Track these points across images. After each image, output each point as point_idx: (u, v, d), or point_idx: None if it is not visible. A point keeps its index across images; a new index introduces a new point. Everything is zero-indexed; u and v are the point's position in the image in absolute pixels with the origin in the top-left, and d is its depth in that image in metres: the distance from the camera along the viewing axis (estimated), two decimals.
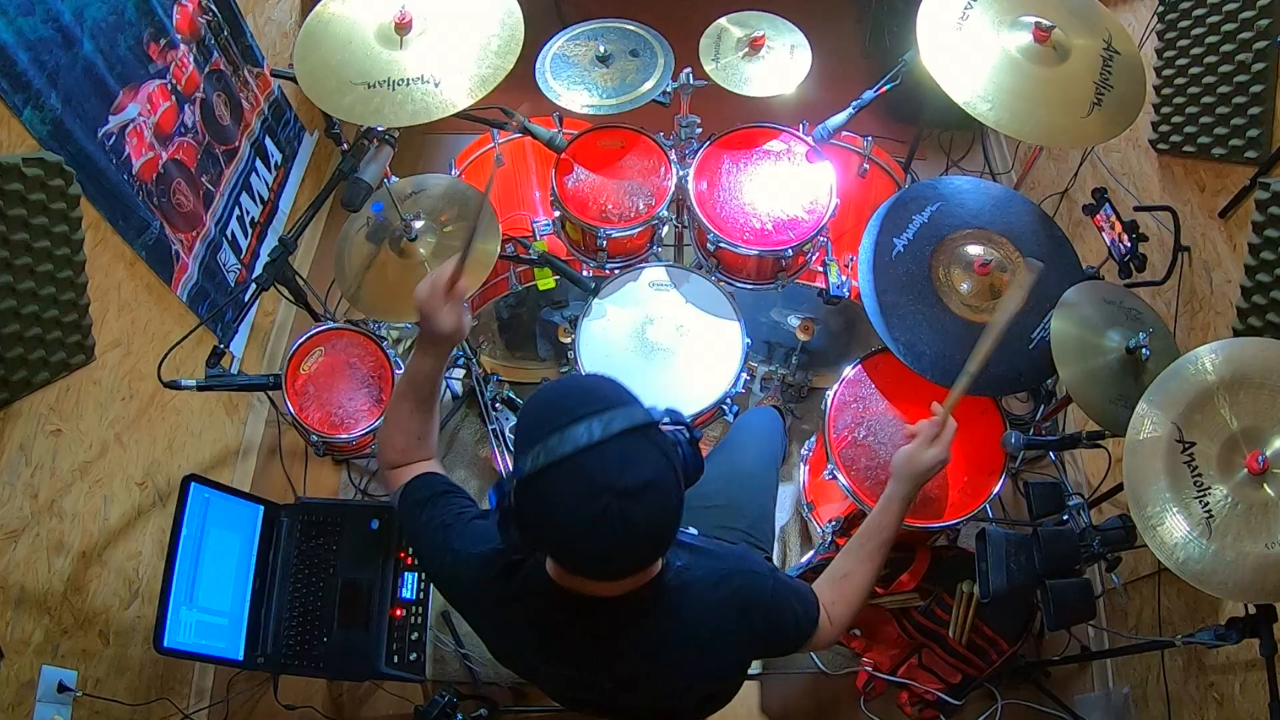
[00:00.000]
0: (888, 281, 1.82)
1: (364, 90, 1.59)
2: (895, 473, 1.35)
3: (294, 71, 1.63)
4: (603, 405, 0.96)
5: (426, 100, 1.59)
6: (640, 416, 0.97)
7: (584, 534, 0.93)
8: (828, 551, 2.07)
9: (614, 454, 0.93)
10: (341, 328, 1.96)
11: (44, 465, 1.71)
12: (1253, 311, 1.58)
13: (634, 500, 0.92)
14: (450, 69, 1.62)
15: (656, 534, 0.98)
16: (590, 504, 0.91)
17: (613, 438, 0.93)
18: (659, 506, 0.95)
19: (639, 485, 0.92)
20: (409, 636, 1.89)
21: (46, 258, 1.56)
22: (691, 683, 1.17)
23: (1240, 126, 1.68)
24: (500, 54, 1.63)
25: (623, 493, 0.91)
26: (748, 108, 2.04)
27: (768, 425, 1.98)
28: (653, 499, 0.94)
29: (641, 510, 0.93)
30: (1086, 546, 1.55)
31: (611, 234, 2.00)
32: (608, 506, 0.91)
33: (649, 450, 0.96)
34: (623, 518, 0.91)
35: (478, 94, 1.60)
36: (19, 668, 1.61)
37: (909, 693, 2.11)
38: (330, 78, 1.62)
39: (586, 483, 0.92)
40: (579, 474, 0.92)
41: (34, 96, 1.61)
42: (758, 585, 1.15)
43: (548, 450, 0.93)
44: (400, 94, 1.59)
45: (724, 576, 1.14)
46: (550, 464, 0.92)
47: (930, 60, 1.63)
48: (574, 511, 0.92)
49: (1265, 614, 1.37)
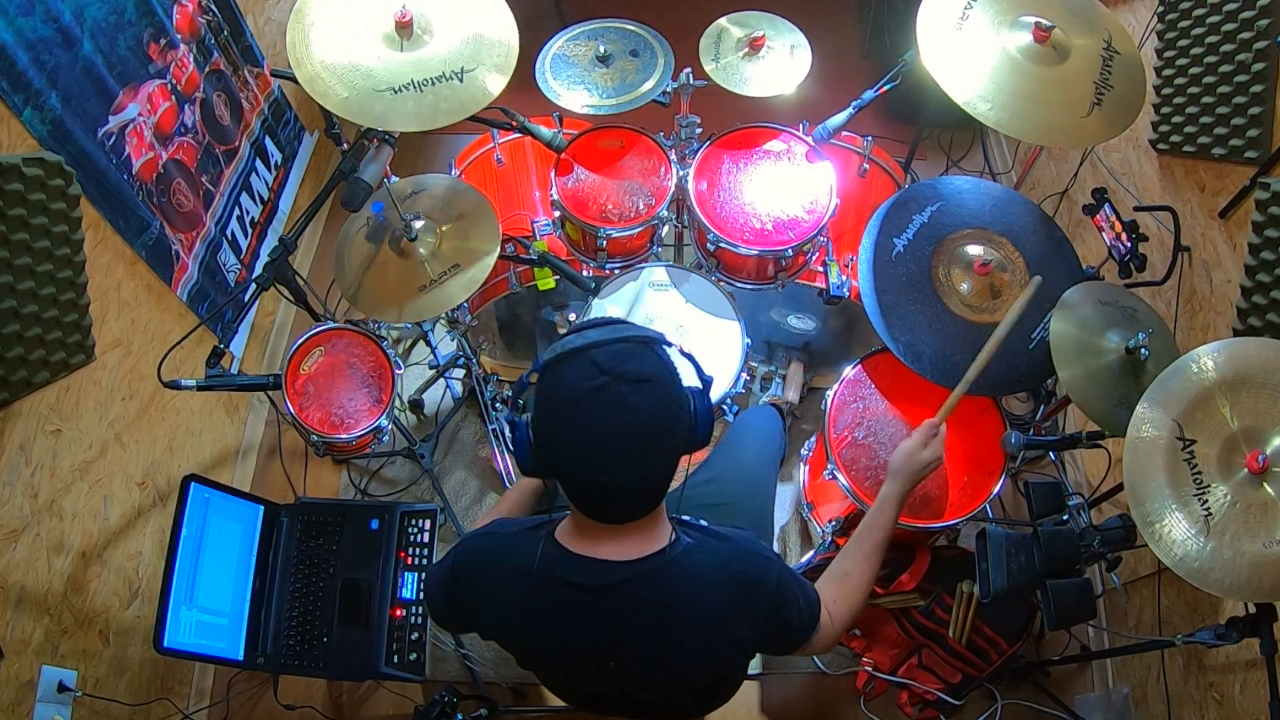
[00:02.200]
0: (888, 281, 1.82)
1: (390, 96, 1.58)
2: (892, 470, 1.43)
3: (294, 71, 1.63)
4: (622, 322, 1.09)
5: (458, 95, 1.60)
6: (654, 334, 1.07)
7: (580, 412, 1.00)
8: (828, 551, 2.07)
9: (621, 349, 1.02)
10: (341, 328, 1.96)
11: (44, 465, 1.71)
12: (1253, 311, 1.58)
13: (634, 387, 1.00)
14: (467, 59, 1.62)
15: (649, 426, 1.02)
16: (590, 382, 1.00)
17: (623, 338, 1.03)
18: (657, 399, 1.02)
19: (639, 375, 1.01)
20: (409, 636, 1.89)
21: (46, 258, 1.56)
22: (692, 660, 1.18)
23: (1240, 126, 1.68)
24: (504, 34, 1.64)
25: (622, 376, 0.99)
26: (748, 108, 2.04)
27: (767, 425, 1.98)
28: (652, 391, 1.02)
29: (638, 398, 1.00)
30: (1086, 546, 1.54)
31: (611, 234, 2.00)
32: (606, 385, 0.99)
33: (656, 358, 1.05)
34: (618, 398, 0.99)
35: (503, 78, 1.63)
36: (19, 668, 1.61)
37: (909, 693, 2.12)
38: (354, 88, 1.61)
39: (591, 365, 1.00)
40: (586, 359, 1.01)
41: (34, 96, 1.61)
42: (764, 569, 1.17)
43: (564, 344, 1.03)
44: (430, 94, 1.59)
45: (731, 558, 1.16)
46: (564, 352, 1.02)
47: (930, 60, 1.63)
48: (574, 388, 1.00)
49: (1265, 613, 1.37)
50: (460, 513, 2.44)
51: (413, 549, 1.96)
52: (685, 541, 1.14)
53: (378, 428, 1.88)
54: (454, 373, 2.58)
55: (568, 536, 1.14)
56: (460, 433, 2.60)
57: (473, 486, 2.51)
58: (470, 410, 2.62)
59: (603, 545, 1.11)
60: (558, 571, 1.12)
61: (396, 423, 2.26)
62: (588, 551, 1.11)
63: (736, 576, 1.14)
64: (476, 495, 2.50)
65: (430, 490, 2.45)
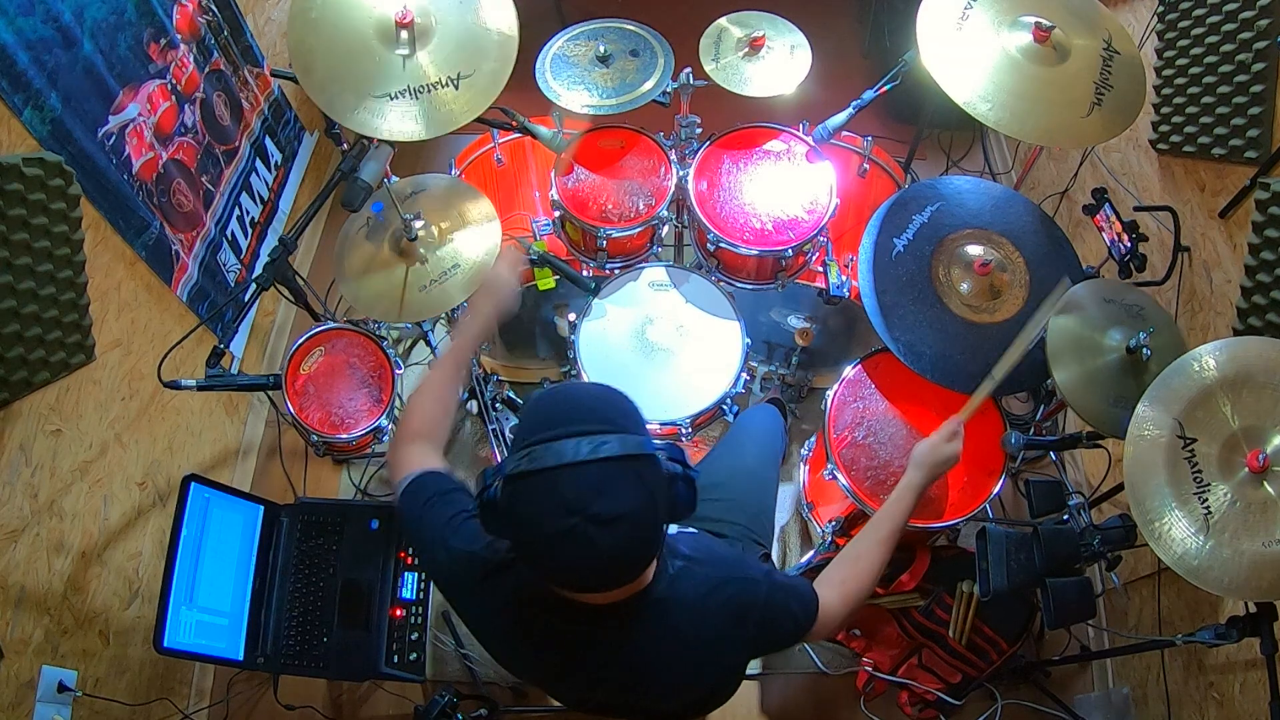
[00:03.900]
0: (888, 281, 1.82)
1: (385, 102, 1.60)
2: (915, 461, 1.43)
3: (294, 72, 1.63)
4: (600, 426, 0.95)
5: (451, 107, 1.63)
6: (633, 447, 0.95)
7: (548, 548, 0.93)
8: (828, 551, 2.07)
9: (594, 478, 0.92)
10: (341, 328, 1.96)
11: (44, 465, 1.71)
12: (1253, 311, 1.58)
13: (604, 528, 0.91)
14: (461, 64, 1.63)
15: (621, 563, 0.97)
16: (558, 521, 0.91)
17: (598, 461, 0.92)
18: (629, 539, 0.94)
19: (612, 515, 0.91)
20: (409, 636, 1.89)
21: (46, 258, 1.56)
22: (682, 689, 1.17)
23: (1240, 126, 1.68)
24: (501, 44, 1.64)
25: (593, 518, 0.90)
26: (748, 108, 2.04)
27: (768, 424, 1.99)
28: (624, 531, 0.93)
29: (609, 539, 0.92)
30: (1087, 545, 1.55)
31: (611, 234, 2.00)
32: (575, 527, 0.90)
33: (632, 484, 0.94)
34: (589, 542, 0.91)
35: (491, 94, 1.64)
36: (19, 668, 1.61)
37: (909, 693, 2.12)
38: (343, 88, 1.62)
39: (560, 500, 0.91)
40: (555, 489, 0.92)
41: (34, 96, 1.61)
42: (751, 591, 1.15)
43: (532, 458, 0.93)
44: (424, 101, 1.61)
45: (718, 584, 1.13)
46: (531, 471, 0.92)
47: (930, 60, 1.63)
48: (541, 524, 0.92)
49: (1265, 613, 1.37)
50: None
51: (412, 549, 1.96)
52: (670, 572, 1.11)
53: (378, 428, 1.88)
54: None
55: None
56: (460, 432, 2.60)
57: (473, 486, 2.51)
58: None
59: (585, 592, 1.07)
60: (540, 610, 1.10)
61: (396, 423, 2.26)
62: (570, 595, 1.07)
63: (724, 603, 1.12)
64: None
65: None
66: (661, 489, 0.97)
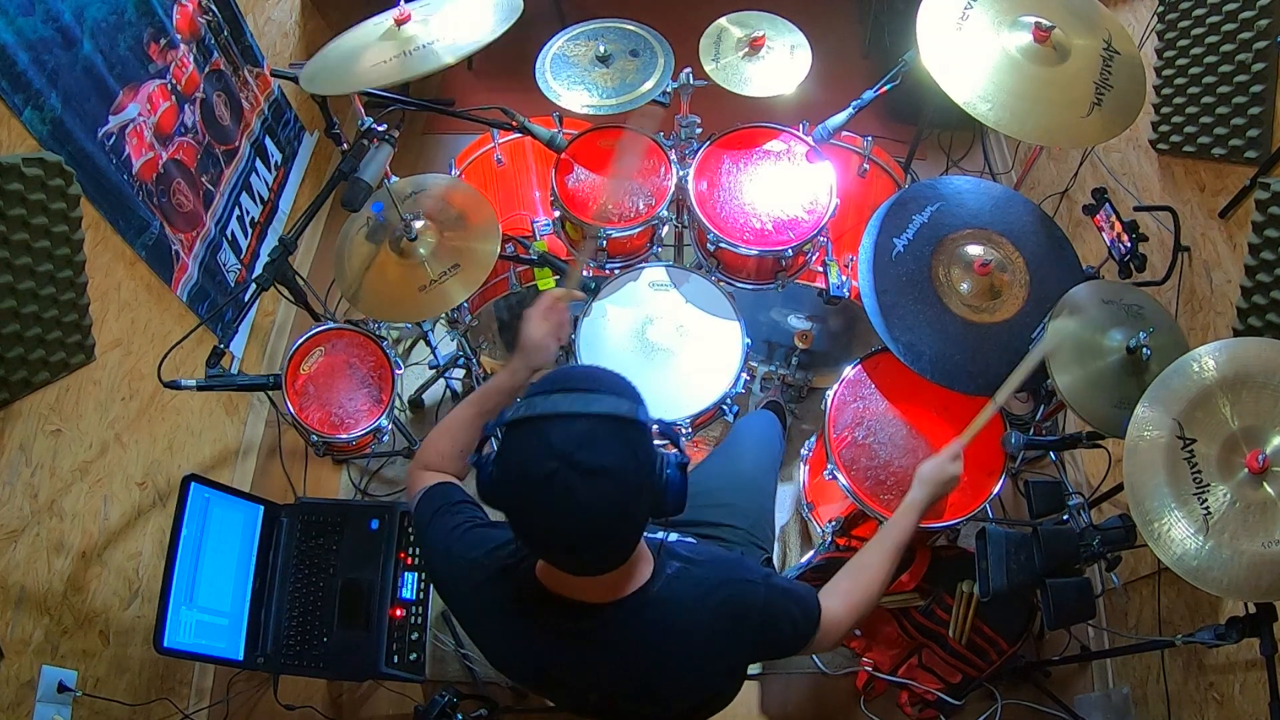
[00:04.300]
0: (888, 281, 1.82)
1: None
2: (921, 478, 1.48)
3: (294, 71, 1.63)
4: (596, 388, 0.98)
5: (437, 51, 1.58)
6: (625, 410, 0.97)
7: (530, 497, 0.95)
8: (828, 551, 2.07)
9: (582, 429, 0.94)
10: (341, 328, 1.96)
11: (44, 465, 1.71)
12: (1253, 311, 1.58)
13: (584, 477, 0.92)
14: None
15: (600, 525, 0.96)
16: (540, 466, 0.93)
17: (588, 415, 0.95)
18: (607, 496, 0.95)
19: (593, 466, 0.93)
20: (409, 636, 1.89)
21: (46, 258, 1.56)
22: (680, 693, 1.16)
23: (1240, 126, 1.68)
24: None
25: (574, 465, 0.92)
26: (748, 108, 2.04)
27: (766, 429, 1.99)
28: (604, 487, 0.94)
29: (587, 491, 0.93)
30: (1086, 546, 1.54)
31: (611, 234, 2.00)
32: (555, 472, 0.92)
33: (619, 443, 0.96)
34: (567, 490, 0.92)
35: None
36: (19, 668, 1.61)
37: (909, 693, 2.12)
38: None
39: (546, 445, 0.93)
40: (543, 436, 0.94)
41: (34, 96, 1.62)
42: (749, 594, 1.14)
43: (528, 406, 0.96)
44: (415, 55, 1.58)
45: (715, 586, 1.13)
46: (523, 418, 0.96)
47: (930, 60, 1.63)
48: (525, 468, 0.95)
49: (1265, 613, 1.37)
50: None
51: (413, 549, 1.96)
52: (667, 574, 1.11)
53: (378, 428, 1.88)
54: (454, 373, 2.57)
55: (546, 574, 1.10)
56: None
57: (472, 486, 2.51)
58: None
59: (580, 586, 1.07)
60: (536, 610, 1.10)
61: (396, 423, 2.26)
62: (565, 592, 1.08)
63: (721, 606, 1.11)
64: (476, 495, 2.49)
65: None
66: (648, 461, 0.99)
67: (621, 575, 1.08)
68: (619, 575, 1.07)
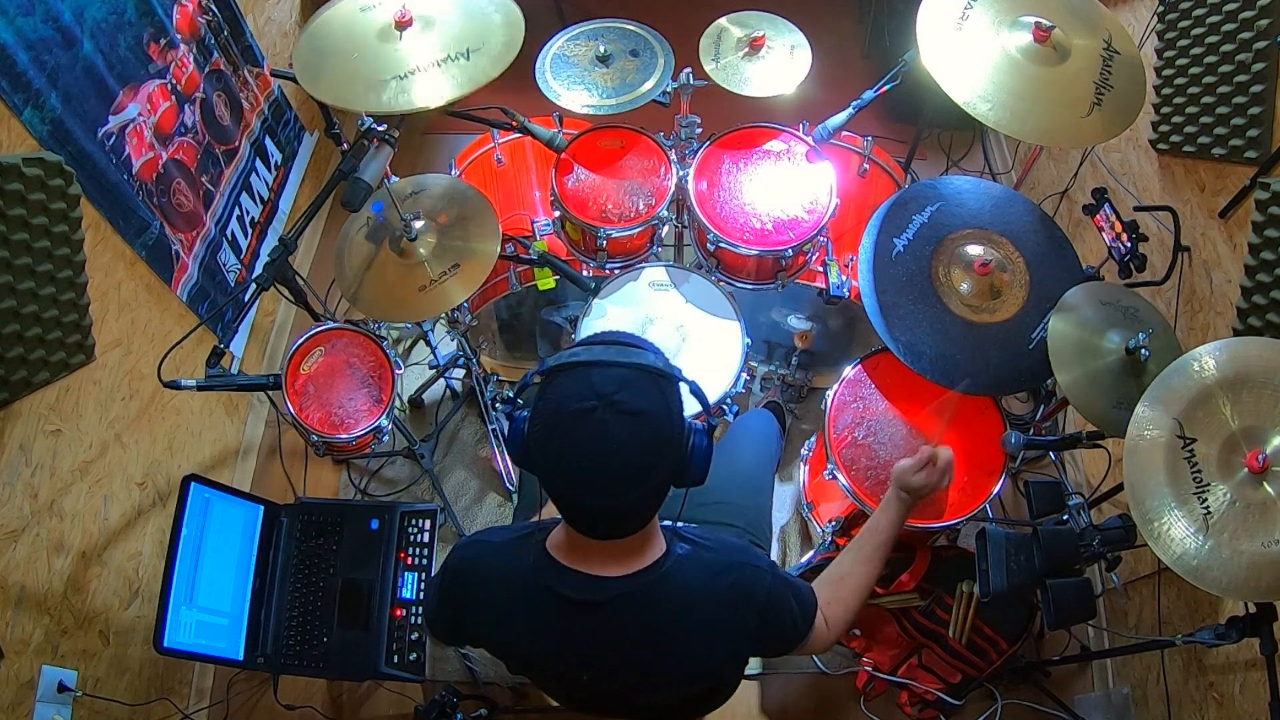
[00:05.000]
0: (888, 281, 1.82)
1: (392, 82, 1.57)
2: (893, 479, 1.45)
3: (294, 71, 1.62)
4: (638, 344, 1.06)
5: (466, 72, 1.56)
6: (664, 365, 1.03)
7: (565, 429, 0.99)
8: (828, 551, 2.07)
9: (622, 375, 0.99)
10: (341, 328, 1.96)
11: (44, 465, 1.71)
12: (1253, 311, 1.58)
13: (621, 416, 0.97)
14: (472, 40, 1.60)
15: (627, 464, 1.00)
16: (581, 401, 0.97)
17: (630, 365, 1.00)
18: (640, 438, 0.99)
19: (631, 408, 0.98)
20: (409, 636, 1.89)
21: (46, 258, 1.56)
22: (682, 673, 1.17)
23: (1240, 126, 1.68)
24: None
25: (612, 404, 0.97)
26: (748, 108, 2.04)
27: (764, 428, 2.00)
28: (638, 427, 0.99)
29: (623, 429, 0.97)
30: (1086, 546, 1.54)
31: (611, 234, 2.00)
32: (594, 410, 0.97)
33: (656, 393, 1.01)
34: (603, 426, 0.97)
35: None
36: (19, 668, 1.61)
37: (909, 693, 2.12)
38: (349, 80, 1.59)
39: (588, 385, 0.98)
40: (586, 378, 0.99)
41: (34, 96, 1.61)
42: (755, 579, 1.16)
43: (571, 353, 1.02)
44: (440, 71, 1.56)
45: (723, 569, 1.15)
46: (566, 363, 1.01)
47: (930, 60, 1.63)
48: (564, 403, 0.99)
49: (1265, 613, 1.37)
50: (460, 513, 2.44)
51: (413, 549, 1.96)
52: (677, 554, 1.13)
53: (378, 428, 1.88)
54: (454, 373, 2.58)
55: (559, 548, 1.13)
56: (460, 433, 2.60)
57: (473, 486, 2.51)
58: (470, 410, 2.62)
59: (594, 560, 1.10)
60: (550, 584, 1.11)
61: (396, 423, 2.26)
62: (579, 565, 1.11)
63: (728, 588, 1.14)
64: (477, 495, 2.50)
65: (430, 490, 2.46)
66: (679, 416, 1.04)
67: (634, 547, 1.10)
68: (632, 547, 1.10)
